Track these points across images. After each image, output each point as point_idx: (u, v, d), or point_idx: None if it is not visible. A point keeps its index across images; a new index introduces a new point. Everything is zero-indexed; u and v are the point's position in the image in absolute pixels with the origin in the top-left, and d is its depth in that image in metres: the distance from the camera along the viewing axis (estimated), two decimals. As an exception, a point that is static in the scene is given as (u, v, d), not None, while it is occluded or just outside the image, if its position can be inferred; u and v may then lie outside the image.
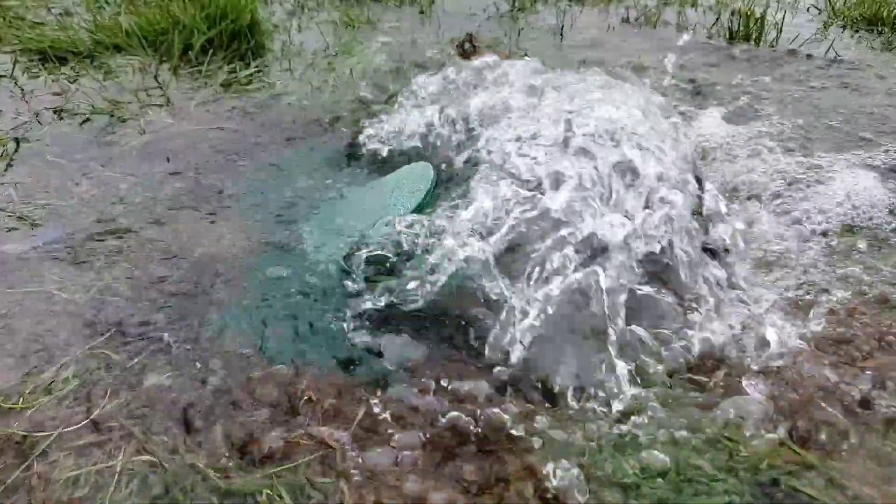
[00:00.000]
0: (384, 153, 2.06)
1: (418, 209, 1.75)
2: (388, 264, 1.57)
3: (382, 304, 1.44)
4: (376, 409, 1.21)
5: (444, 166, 1.89)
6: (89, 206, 1.79)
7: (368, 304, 1.45)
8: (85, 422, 1.17)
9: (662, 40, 3.15)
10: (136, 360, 1.32)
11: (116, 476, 1.07)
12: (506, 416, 1.18)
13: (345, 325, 1.43)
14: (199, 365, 1.32)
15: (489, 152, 1.62)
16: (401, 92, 2.29)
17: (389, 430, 1.17)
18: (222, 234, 1.73)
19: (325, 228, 1.77)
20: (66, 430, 1.15)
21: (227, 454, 1.12)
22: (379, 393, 1.25)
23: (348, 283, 1.54)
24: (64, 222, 1.71)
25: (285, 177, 1.99)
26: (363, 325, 1.42)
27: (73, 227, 1.70)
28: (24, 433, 1.14)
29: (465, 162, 1.82)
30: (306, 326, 1.44)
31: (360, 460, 1.11)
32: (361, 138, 2.13)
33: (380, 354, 1.37)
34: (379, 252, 1.58)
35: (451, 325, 1.42)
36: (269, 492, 1.06)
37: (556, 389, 1.25)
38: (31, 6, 3.24)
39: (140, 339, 1.37)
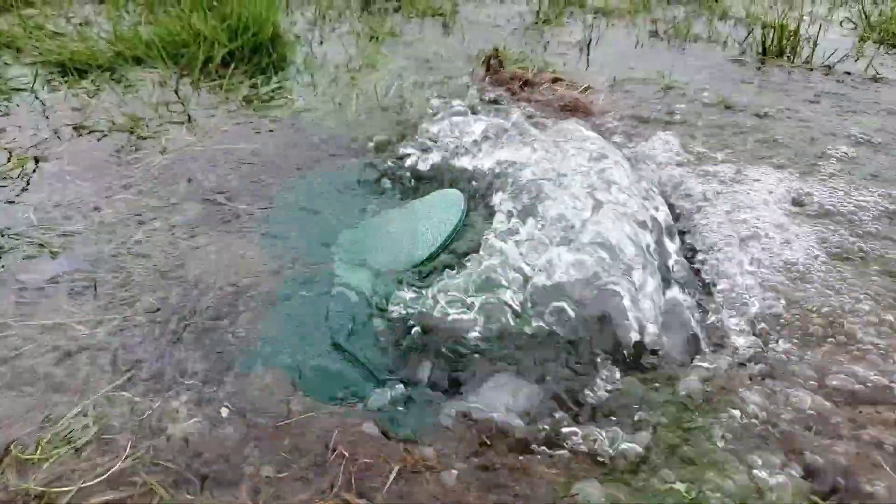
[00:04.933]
0: (412, 175, 1.99)
1: (448, 240, 1.68)
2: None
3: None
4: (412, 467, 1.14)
5: (474, 192, 1.83)
6: (110, 232, 1.73)
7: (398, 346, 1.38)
8: (106, 475, 1.11)
9: (693, 57, 3.07)
10: (157, 403, 1.26)
11: (139, 541, 1.01)
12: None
13: (377, 367, 1.37)
14: (224, 410, 1.25)
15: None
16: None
17: (427, 490, 1.10)
18: (245, 261, 1.67)
19: (352, 257, 1.70)
20: (85, 484, 1.09)
21: (254, 515, 1.06)
22: (416, 449, 1.18)
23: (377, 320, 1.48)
24: (83, 251, 1.66)
25: (310, 200, 1.93)
26: (395, 368, 1.36)
27: (94, 255, 1.64)
28: (42, 488, 1.08)
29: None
30: (337, 367, 1.38)
31: (395, 525, 1.05)
32: (388, 159, 2.07)
33: (410, 400, 1.30)
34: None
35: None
36: (300, 561, 0.99)
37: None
38: (51, 15, 3.21)
39: (162, 380, 1.31)
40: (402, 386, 1.32)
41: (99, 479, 1.10)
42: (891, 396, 1.24)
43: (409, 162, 2.03)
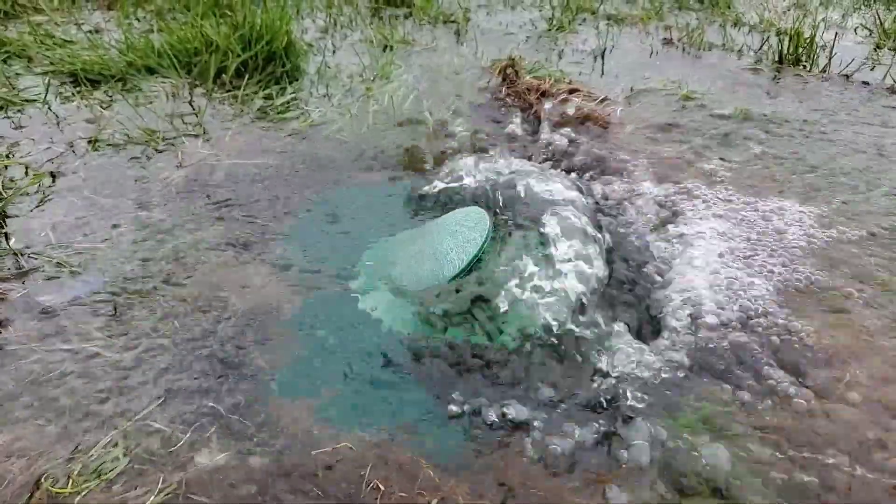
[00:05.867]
0: (434, 193, 1.97)
1: (474, 260, 1.66)
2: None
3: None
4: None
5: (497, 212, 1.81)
6: (129, 251, 1.71)
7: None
8: (138, 511, 1.09)
9: (709, 66, 3.04)
10: (187, 433, 1.24)
11: (176, 582, 0.99)
12: None
13: (410, 392, 1.34)
14: (255, 440, 1.23)
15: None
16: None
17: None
18: (268, 281, 1.65)
19: (375, 278, 1.68)
20: (119, 521, 1.08)
21: (291, 553, 1.04)
22: (453, 481, 1.16)
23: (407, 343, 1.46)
24: (103, 271, 1.64)
25: (331, 217, 1.91)
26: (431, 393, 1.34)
27: (114, 275, 1.62)
28: (74, 525, 1.06)
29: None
30: (368, 394, 1.35)
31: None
32: (410, 176, 2.05)
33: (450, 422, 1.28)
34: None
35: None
36: None
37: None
38: (60, 23, 3.19)
39: (190, 408, 1.29)
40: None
41: (132, 515, 1.08)
42: None
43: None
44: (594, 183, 2.04)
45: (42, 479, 1.13)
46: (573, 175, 2.07)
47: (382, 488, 1.14)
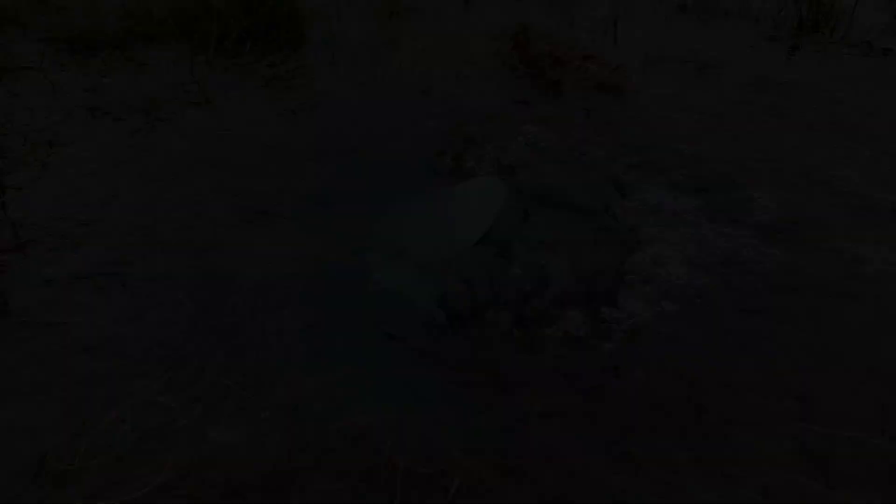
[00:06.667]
0: (447, 163, 1.90)
1: (489, 230, 1.60)
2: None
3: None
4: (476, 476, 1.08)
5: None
6: (132, 222, 1.65)
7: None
8: (150, 488, 1.05)
9: (725, 33, 2.94)
10: (197, 407, 1.20)
11: (190, 561, 0.95)
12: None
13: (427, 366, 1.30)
14: (267, 415, 1.19)
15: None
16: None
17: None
18: (276, 252, 1.59)
19: (386, 247, 1.62)
20: (129, 497, 1.04)
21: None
22: (476, 458, 1.12)
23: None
24: (105, 241, 1.58)
25: (340, 187, 1.84)
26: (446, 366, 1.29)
27: (118, 247, 1.57)
28: (83, 502, 1.02)
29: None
30: (385, 367, 1.31)
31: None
32: (419, 145, 1.98)
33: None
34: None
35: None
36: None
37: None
38: (55, -12, 3.08)
39: (199, 382, 1.25)
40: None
41: (143, 492, 1.04)
42: None
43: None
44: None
45: (47, 456, 1.09)
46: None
47: (403, 466, 1.10)
